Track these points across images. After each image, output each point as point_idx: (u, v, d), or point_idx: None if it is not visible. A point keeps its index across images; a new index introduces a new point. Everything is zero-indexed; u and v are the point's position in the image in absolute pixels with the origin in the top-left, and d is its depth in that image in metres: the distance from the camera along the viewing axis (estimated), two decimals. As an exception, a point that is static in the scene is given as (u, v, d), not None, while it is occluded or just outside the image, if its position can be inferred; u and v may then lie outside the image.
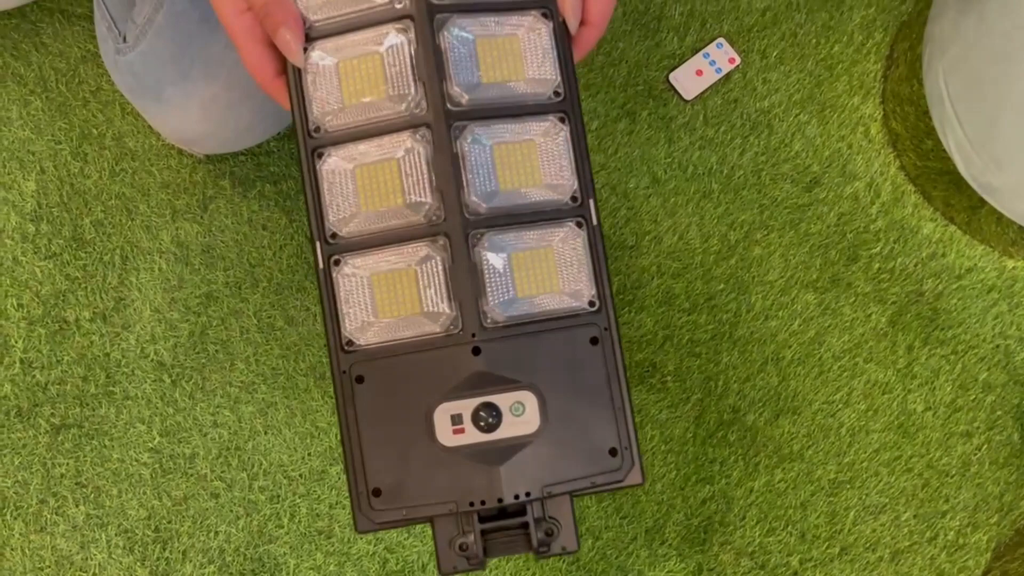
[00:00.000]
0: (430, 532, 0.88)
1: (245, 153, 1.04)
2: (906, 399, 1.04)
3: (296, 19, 0.53)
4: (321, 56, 0.53)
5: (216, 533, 0.96)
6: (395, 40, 0.52)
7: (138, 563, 0.95)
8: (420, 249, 0.52)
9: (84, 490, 0.96)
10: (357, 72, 0.53)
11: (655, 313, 1.04)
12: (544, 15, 0.54)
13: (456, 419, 0.52)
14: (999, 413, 1.04)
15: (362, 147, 0.53)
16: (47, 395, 0.97)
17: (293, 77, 0.54)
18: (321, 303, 0.54)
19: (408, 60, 0.52)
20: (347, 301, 0.53)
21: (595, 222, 0.55)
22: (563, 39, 0.55)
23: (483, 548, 0.52)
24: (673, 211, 1.07)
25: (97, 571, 0.94)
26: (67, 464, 0.96)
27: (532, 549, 0.52)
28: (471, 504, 0.51)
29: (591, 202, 0.55)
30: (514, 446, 0.52)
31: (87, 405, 0.97)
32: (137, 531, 0.95)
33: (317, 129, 0.54)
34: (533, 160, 0.54)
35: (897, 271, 1.07)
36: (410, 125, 0.52)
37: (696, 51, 1.10)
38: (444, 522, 0.52)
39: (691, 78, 1.09)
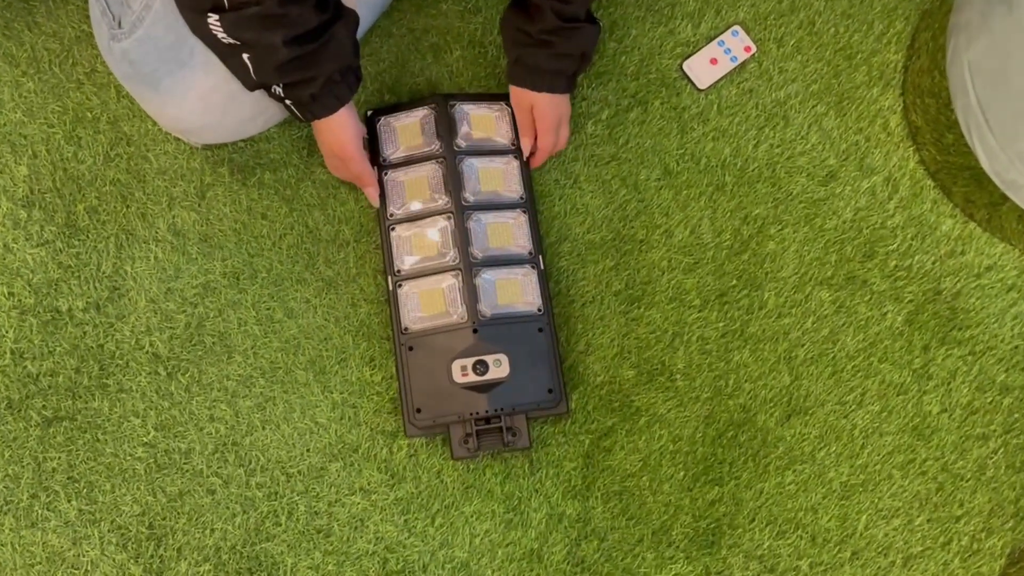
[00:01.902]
0: (431, 533, 0.91)
1: (245, 140, 1.00)
2: (921, 401, 1.01)
3: (375, 183, 0.98)
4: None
5: (212, 530, 0.93)
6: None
7: (131, 560, 0.92)
8: (447, 279, 0.96)
9: (76, 485, 0.93)
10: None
11: (664, 310, 1.01)
12: (514, 156, 1.01)
13: (464, 368, 0.93)
14: (1016, 416, 1.01)
15: (417, 224, 0.97)
16: (39, 387, 0.94)
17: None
18: (389, 307, 0.97)
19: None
20: (405, 306, 0.95)
21: (542, 267, 0.98)
22: (525, 168, 1.01)
23: (477, 444, 0.93)
24: (685, 204, 1.04)
25: (89, 568, 0.92)
26: (59, 458, 0.93)
27: (503, 444, 0.93)
28: (471, 414, 0.92)
29: (540, 256, 0.98)
30: (495, 383, 0.93)
31: (80, 398, 0.95)
32: (131, 528, 0.93)
33: (391, 215, 0.98)
34: (508, 232, 0.98)
35: (914, 269, 1.04)
36: (443, 212, 0.97)
37: (711, 39, 1.07)
38: (456, 428, 0.93)
39: (705, 67, 1.06)
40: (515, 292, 0.96)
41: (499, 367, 0.93)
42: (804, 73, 1.07)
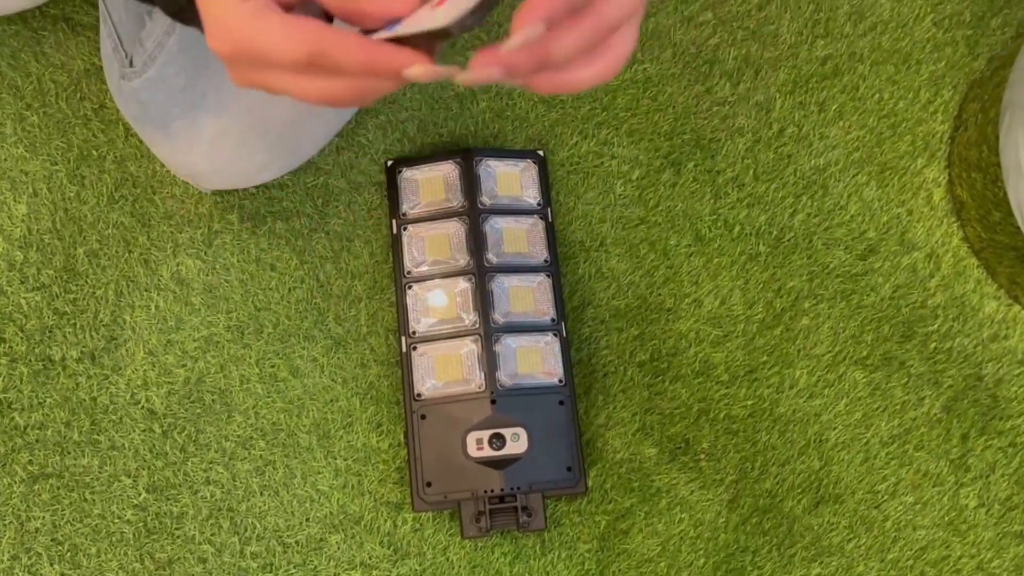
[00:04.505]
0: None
1: (256, 186, 0.95)
2: (958, 493, 0.95)
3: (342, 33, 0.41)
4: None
5: (201, 602, 0.88)
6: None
7: (114, 631, 0.87)
8: (465, 344, 0.90)
9: (60, 547, 0.88)
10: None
11: (691, 384, 0.96)
12: (541, 217, 0.95)
13: (479, 441, 0.87)
14: (1058, 514, 0.96)
15: (433, 283, 0.91)
16: (25, 440, 0.89)
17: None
18: (401, 371, 0.90)
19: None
20: (419, 371, 0.89)
21: (564, 335, 0.92)
22: (550, 231, 0.95)
23: (490, 524, 0.86)
24: (716, 273, 0.98)
25: (69, 638, 0.86)
26: (43, 517, 0.88)
27: (517, 525, 0.87)
28: (484, 492, 0.86)
29: (562, 323, 0.92)
30: (512, 459, 0.87)
31: (68, 453, 0.89)
32: (115, 596, 0.87)
33: (408, 272, 0.92)
34: (531, 297, 0.92)
35: (955, 352, 0.98)
36: (464, 273, 0.91)
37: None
38: (467, 505, 0.87)
39: None
40: (536, 361, 0.90)
41: (516, 442, 0.87)
42: (846, 140, 1.02)
